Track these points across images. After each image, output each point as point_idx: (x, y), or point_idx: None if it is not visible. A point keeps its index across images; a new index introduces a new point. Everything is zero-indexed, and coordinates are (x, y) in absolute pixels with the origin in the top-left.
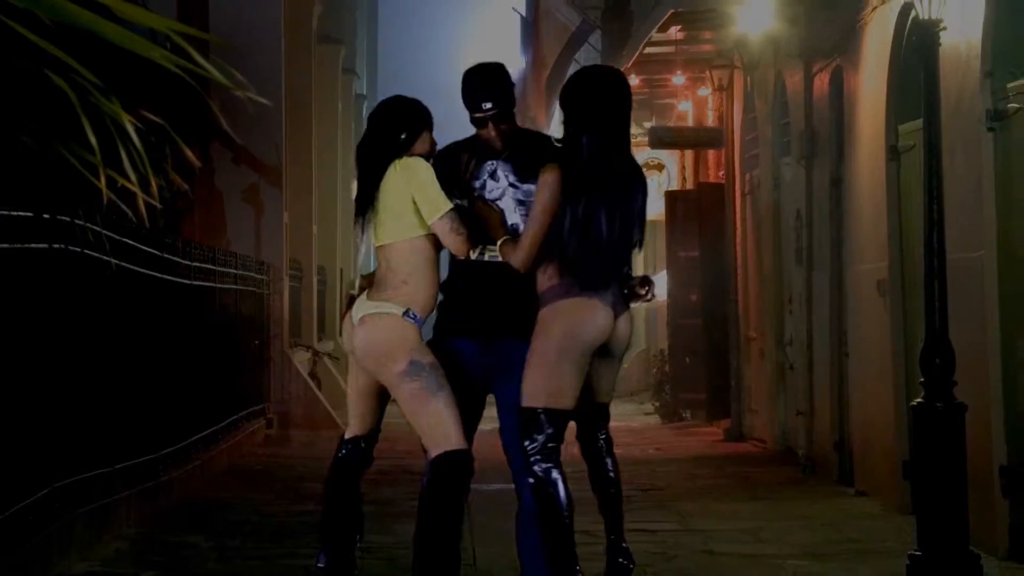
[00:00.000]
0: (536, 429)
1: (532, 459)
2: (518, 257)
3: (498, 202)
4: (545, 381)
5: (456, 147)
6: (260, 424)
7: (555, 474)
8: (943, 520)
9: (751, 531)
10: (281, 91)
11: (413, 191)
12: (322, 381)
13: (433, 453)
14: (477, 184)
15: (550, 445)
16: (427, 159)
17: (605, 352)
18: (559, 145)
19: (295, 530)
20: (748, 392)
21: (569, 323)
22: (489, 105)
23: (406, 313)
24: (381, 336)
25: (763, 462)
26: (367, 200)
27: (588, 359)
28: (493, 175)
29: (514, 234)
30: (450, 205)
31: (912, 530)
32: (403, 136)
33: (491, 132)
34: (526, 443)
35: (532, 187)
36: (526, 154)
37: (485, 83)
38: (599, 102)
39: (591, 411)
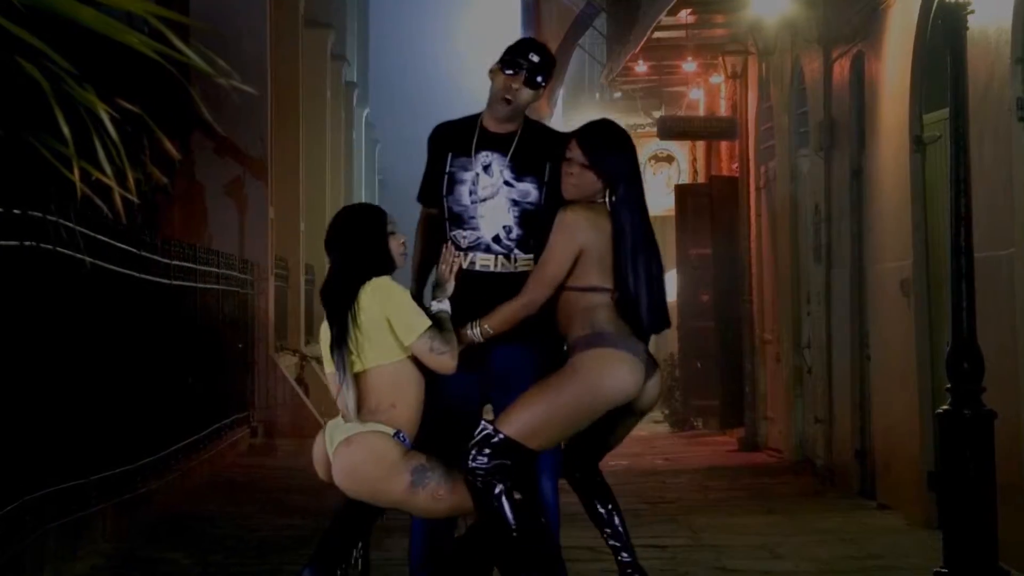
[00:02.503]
0: (485, 449)
1: (474, 471)
2: (528, 300)
3: (489, 201)
4: (531, 417)
5: (448, 128)
6: (244, 433)
7: (498, 490)
8: (971, 535)
9: (767, 546)
10: (266, 78)
11: (388, 315)
12: (310, 387)
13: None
14: (466, 176)
15: (496, 470)
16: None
17: (629, 410)
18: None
19: (281, 545)
20: (763, 399)
21: (598, 376)
22: (537, 59)
23: (396, 435)
24: (371, 457)
25: (779, 473)
26: (342, 330)
27: (600, 414)
28: (487, 169)
29: (506, 235)
30: (427, 324)
31: (938, 546)
32: (369, 253)
33: (512, 86)
34: (473, 453)
35: (529, 187)
36: (530, 147)
37: (539, 46)
38: (631, 153)
39: (597, 450)
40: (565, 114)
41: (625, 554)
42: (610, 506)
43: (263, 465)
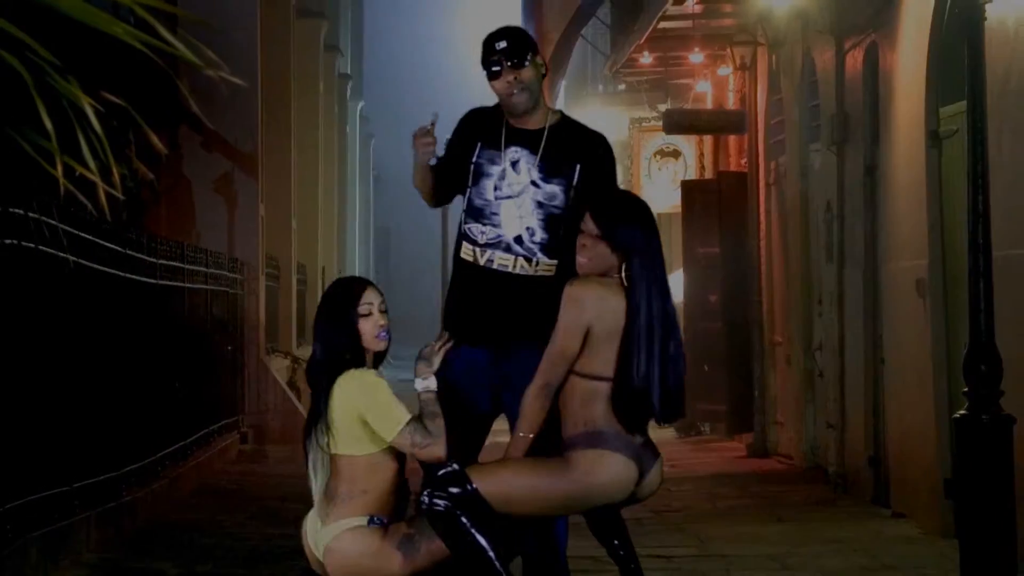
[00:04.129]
0: (448, 490)
1: (431, 507)
2: (543, 383)
3: (514, 199)
4: (511, 486)
5: (480, 115)
6: (233, 438)
7: (462, 520)
8: (989, 544)
9: (777, 557)
10: (256, 70)
11: (363, 412)
12: (302, 391)
13: None
14: (493, 170)
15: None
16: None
17: (627, 500)
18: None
19: (272, 555)
20: (773, 403)
21: (594, 477)
22: (504, 44)
23: (371, 521)
24: (358, 555)
25: (790, 480)
26: (313, 419)
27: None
28: (515, 166)
29: (530, 237)
30: (406, 417)
31: (955, 555)
32: (336, 340)
33: (507, 81)
34: (431, 490)
35: (556, 189)
36: (560, 147)
37: (499, 31)
38: (649, 225)
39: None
40: (567, 107)
41: (633, 564)
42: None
43: (253, 472)
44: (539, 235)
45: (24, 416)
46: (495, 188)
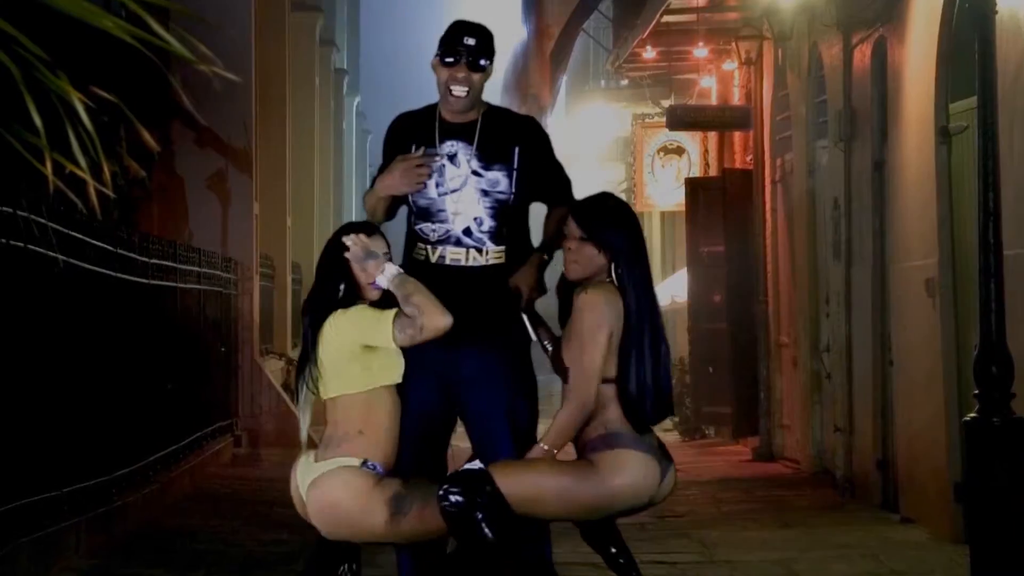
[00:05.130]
0: (466, 487)
1: (447, 502)
2: (579, 402)
3: (457, 192)
4: (535, 487)
5: (409, 119)
6: (227, 442)
7: (478, 516)
8: (999, 550)
9: (783, 562)
10: (251, 64)
11: (358, 338)
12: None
13: None
14: (433, 168)
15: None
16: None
17: (642, 505)
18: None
19: (266, 561)
20: (779, 406)
21: (621, 479)
22: (473, 41)
23: (364, 463)
24: (343, 493)
25: (796, 484)
26: (303, 360)
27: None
28: (453, 159)
29: (478, 227)
30: (391, 314)
31: (964, 561)
32: (328, 283)
33: (456, 76)
34: (448, 486)
35: (498, 175)
36: (495, 134)
37: (472, 26)
38: (632, 226)
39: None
40: (569, 103)
41: (634, 572)
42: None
43: (247, 476)
44: (487, 224)
45: (13, 419)
46: (437, 185)
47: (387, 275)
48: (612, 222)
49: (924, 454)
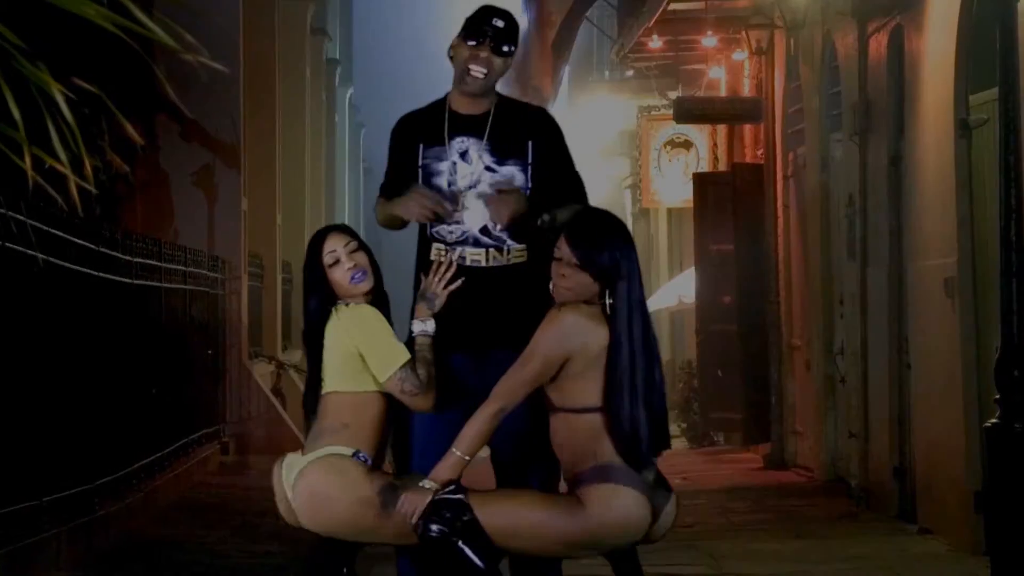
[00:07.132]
0: (444, 515)
1: (425, 525)
2: (498, 407)
3: (472, 190)
4: (518, 518)
5: (414, 119)
6: (214, 449)
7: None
8: (1021, 562)
9: (795, 575)
10: (238, 54)
11: (360, 347)
12: (287, 398)
13: None
14: (441, 167)
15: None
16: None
17: (634, 542)
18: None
19: (254, 573)
20: (791, 411)
21: (611, 516)
22: (501, 24)
23: (356, 454)
24: (331, 480)
25: (809, 493)
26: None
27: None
28: (464, 156)
29: (495, 225)
30: (403, 358)
31: (985, 574)
32: (311, 284)
33: (480, 57)
34: (429, 513)
35: (513, 170)
36: (507, 127)
37: (501, 11)
38: (628, 247)
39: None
40: (571, 95)
41: None
42: None
43: (235, 485)
44: (499, 225)
45: None
46: (449, 184)
47: (424, 327)
48: (608, 247)
49: (943, 462)
